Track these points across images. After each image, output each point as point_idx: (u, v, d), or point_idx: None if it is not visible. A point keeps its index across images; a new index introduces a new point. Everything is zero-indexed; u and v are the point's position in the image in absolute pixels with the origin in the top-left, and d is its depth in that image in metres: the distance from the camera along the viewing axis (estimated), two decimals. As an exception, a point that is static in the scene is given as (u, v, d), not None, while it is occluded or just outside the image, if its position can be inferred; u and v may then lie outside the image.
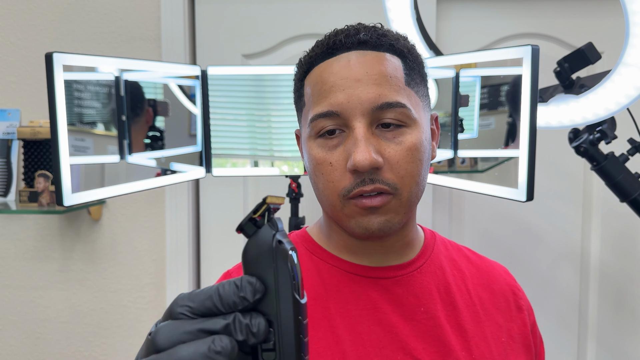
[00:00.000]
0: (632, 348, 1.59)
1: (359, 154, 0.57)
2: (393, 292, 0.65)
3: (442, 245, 0.74)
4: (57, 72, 0.92)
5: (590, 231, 1.60)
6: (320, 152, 0.62)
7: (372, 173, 0.59)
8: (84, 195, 0.99)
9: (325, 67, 0.62)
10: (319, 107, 0.61)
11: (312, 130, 0.62)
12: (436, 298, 0.67)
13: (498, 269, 0.76)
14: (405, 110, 0.60)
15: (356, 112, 0.59)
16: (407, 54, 0.64)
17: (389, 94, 0.60)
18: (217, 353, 0.31)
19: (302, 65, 0.66)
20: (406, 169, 0.60)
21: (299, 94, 0.68)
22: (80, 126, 1.01)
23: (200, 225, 1.67)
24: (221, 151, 1.26)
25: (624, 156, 1.14)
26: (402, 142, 0.60)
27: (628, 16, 0.98)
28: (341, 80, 0.60)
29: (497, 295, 0.71)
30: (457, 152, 1.08)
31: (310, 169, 0.64)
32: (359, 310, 0.64)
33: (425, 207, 1.59)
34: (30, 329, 1.69)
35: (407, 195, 0.61)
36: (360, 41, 0.62)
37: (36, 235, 1.67)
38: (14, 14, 1.64)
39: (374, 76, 0.60)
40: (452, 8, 1.58)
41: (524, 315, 0.72)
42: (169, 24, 1.58)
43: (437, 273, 0.69)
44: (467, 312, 0.67)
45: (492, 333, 0.68)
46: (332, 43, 0.63)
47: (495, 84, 1.02)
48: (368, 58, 0.61)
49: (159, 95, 1.20)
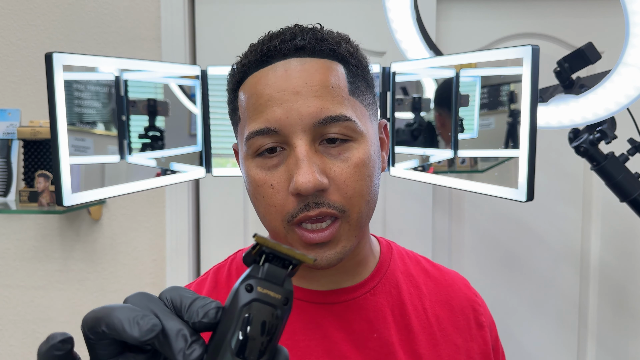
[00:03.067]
0: (632, 348, 1.59)
1: (301, 175, 0.52)
2: (344, 318, 0.61)
3: (399, 259, 0.69)
4: (57, 72, 0.92)
5: (590, 231, 1.60)
6: (259, 172, 0.56)
7: (317, 196, 0.54)
8: (84, 195, 0.99)
9: (260, 77, 0.56)
10: (255, 123, 0.55)
11: (249, 149, 0.56)
12: (390, 322, 0.63)
13: (458, 282, 0.72)
14: (351, 123, 0.55)
15: (296, 128, 0.53)
16: (350, 59, 0.58)
17: (331, 106, 0.54)
18: (141, 325, 0.31)
19: (234, 74, 0.60)
20: (354, 189, 0.55)
21: (232, 107, 0.62)
22: (80, 126, 1.01)
23: (200, 225, 1.67)
24: (221, 151, 1.26)
25: (624, 156, 1.14)
26: (349, 158, 0.55)
27: (628, 16, 0.98)
28: (278, 93, 0.54)
29: (456, 313, 0.67)
30: (457, 152, 1.08)
31: (250, 191, 0.58)
32: (307, 340, 0.60)
33: (425, 207, 1.59)
34: (30, 329, 1.69)
35: (356, 217, 0.56)
36: (298, 47, 0.56)
37: (36, 235, 1.67)
38: (14, 14, 1.64)
39: (315, 87, 0.54)
40: (452, 8, 1.58)
41: (485, 333, 0.68)
42: (169, 24, 1.58)
43: (392, 293, 0.65)
44: (422, 335, 0.64)
45: (450, 356, 0.64)
46: (267, 50, 0.56)
47: (495, 84, 1.02)
48: (307, 67, 0.55)
49: (159, 95, 1.20)
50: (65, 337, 0.34)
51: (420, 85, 1.14)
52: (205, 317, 0.32)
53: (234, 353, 0.32)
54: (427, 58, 1.13)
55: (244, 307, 0.32)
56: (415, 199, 1.59)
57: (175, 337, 0.31)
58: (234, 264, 0.68)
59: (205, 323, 0.32)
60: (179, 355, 0.31)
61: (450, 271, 0.74)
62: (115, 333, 0.32)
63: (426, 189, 1.58)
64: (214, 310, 0.32)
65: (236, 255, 0.69)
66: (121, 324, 0.31)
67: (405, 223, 1.60)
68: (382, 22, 1.23)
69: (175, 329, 0.32)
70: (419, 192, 1.58)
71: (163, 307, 0.33)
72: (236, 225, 1.65)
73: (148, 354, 0.34)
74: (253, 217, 1.66)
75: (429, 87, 1.13)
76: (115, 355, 0.34)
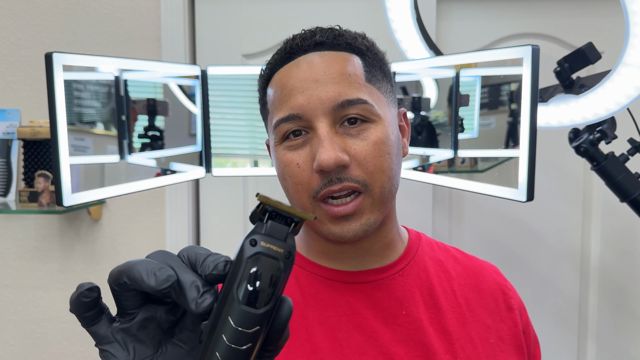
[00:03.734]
0: (632, 348, 1.59)
1: (323, 153, 0.57)
2: (373, 296, 0.64)
3: (427, 246, 0.72)
4: (57, 72, 0.91)
5: (590, 231, 1.60)
6: (286, 154, 0.61)
7: (339, 172, 0.58)
8: (84, 195, 0.99)
9: (285, 72, 0.62)
10: (281, 112, 0.61)
11: (277, 136, 0.62)
12: (419, 301, 0.65)
13: (487, 268, 0.74)
14: (367, 106, 0.60)
15: (317, 112, 0.59)
16: (366, 52, 0.63)
17: (348, 91, 0.59)
18: (158, 275, 0.34)
19: (263, 75, 0.67)
20: (374, 164, 0.59)
21: (262, 102, 0.68)
22: (80, 126, 1.01)
23: (200, 225, 1.67)
24: (221, 151, 1.26)
25: (624, 156, 1.14)
26: (367, 137, 0.59)
27: (628, 16, 0.98)
28: (300, 82, 0.60)
29: (486, 296, 0.69)
30: (457, 152, 1.08)
31: (279, 173, 0.64)
32: (337, 316, 0.63)
33: (425, 207, 1.59)
34: (30, 329, 1.69)
35: (379, 191, 0.59)
36: (317, 42, 0.62)
37: (36, 235, 1.66)
38: (14, 14, 1.64)
39: (333, 75, 0.60)
40: (452, 8, 1.58)
41: (515, 315, 0.70)
42: (169, 24, 1.58)
43: (421, 275, 0.67)
44: (451, 314, 0.66)
45: (479, 335, 0.66)
46: (289, 48, 0.63)
47: (495, 83, 1.02)
48: (326, 58, 0.61)
49: (159, 95, 1.20)
50: (91, 285, 0.38)
51: (420, 85, 1.14)
52: (215, 270, 0.35)
53: (240, 301, 0.34)
54: (427, 58, 1.13)
55: (249, 259, 0.34)
56: (415, 199, 1.59)
57: (189, 287, 0.34)
58: None
59: (215, 275, 0.35)
60: (192, 304, 0.34)
61: (481, 259, 0.76)
62: (135, 284, 0.35)
63: (426, 189, 1.58)
64: (222, 263, 0.35)
65: None
66: (140, 275, 0.34)
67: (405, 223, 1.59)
68: (382, 22, 1.23)
69: (189, 280, 0.34)
70: (419, 192, 1.58)
71: (179, 262, 0.36)
72: (236, 225, 1.65)
73: (168, 305, 0.38)
74: (253, 217, 1.66)
75: (429, 87, 1.13)
76: (139, 306, 0.37)
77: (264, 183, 1.63)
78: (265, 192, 1.78)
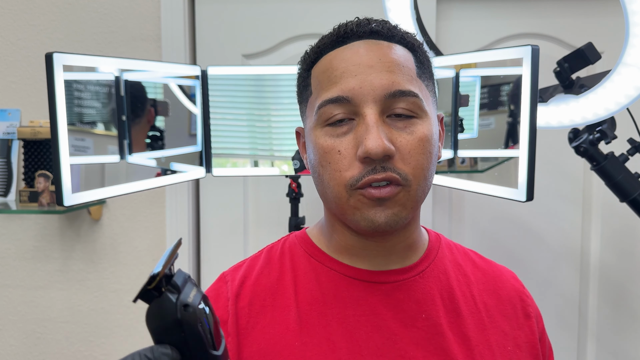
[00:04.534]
0: (632, 348, 1.59)
1: (371, 140, 0.55)
2: (393, 297, 0.63)
3: (447, 249, 0.71)
4: (57, 72, 0.92)
5: (590, 231, 1.60)
6: (327, 140, 0.59)
7: (384, 161, 0.56)
8: (84, 195, 0.99)
9: (336, 54, 0.61)
10: (328, 92, 0.59)
11: (319, 118, 0.60)
12: (439, 304, 0.64)
13: (506, 274, 0.73)
14: (418, 100, 0.58)
15: (368, 98, 0.57)
16: (417, 48, 0.63)
17: (401, 81, 0.58)
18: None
19: (308, 56, 0.64)
20: (417, 160, 0.58)
21: (304, 84, 0.65)
22: (80, 126, 1.01)
23: (200, 225, 1.67)
24: (221, 151, 1.26)
25: (624, 156, 1.14)
26: (414, 132, 0.58)
27: (628, 16, 0.98)
28: (353, 66, 0.58)
29: (504, 302, 0.68)
30: (457, 152, 1.08)
31: (316, 159, 0.61)
32: (357, 316, 0.61)
33: (425, 207, 1.59)
34: (30, 329, 1.69)
35: (415, 189, 0.58)
36: (372, 31, 0.61)
37: (36, 235, 1.67)
38: (14, 14, 1.64)
39: (387, 63, 0.58)
40: (452, 8, 1.58)
41: (532, 323, 0.68)
42: (169, 24, 1.58)
43: (441, 278, 0.66)
44: (471, 320, 0.64)
45: (497, 341, 0.64)
46: (343, 32, 0.61)
47: (495, 84, 1.02)
48: (380, 46, 0.60)
49: (159, 95, 1.20)
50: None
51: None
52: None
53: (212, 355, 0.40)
54: (427, 58, 1.13)
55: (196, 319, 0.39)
56: (415, 199, 1.59)
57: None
58: (287, 244, 0.70)
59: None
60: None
61: (499, 265, 0.75)
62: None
63: (426, 189, 1.58)
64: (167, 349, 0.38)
65: (289, 237, 0.71)
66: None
67: (405, 223, 1.60)
68: (382, 22, 1.23)
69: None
70: (419, 192, 1.58)
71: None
72: (236, 225, 1.65)
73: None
74: (253, 217, 1.66)
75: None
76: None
77: (264, 183, 1.64)
78: (265, 191, 1.77)
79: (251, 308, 0.63)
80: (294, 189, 1.31)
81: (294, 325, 0.61)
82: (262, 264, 0.68)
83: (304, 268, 0.65)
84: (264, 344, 0.60)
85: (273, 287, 0.64)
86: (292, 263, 0.66)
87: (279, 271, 0.66)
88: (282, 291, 0.64)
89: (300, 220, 1.32)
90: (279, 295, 0.63)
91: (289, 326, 0.61)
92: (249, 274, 0.66)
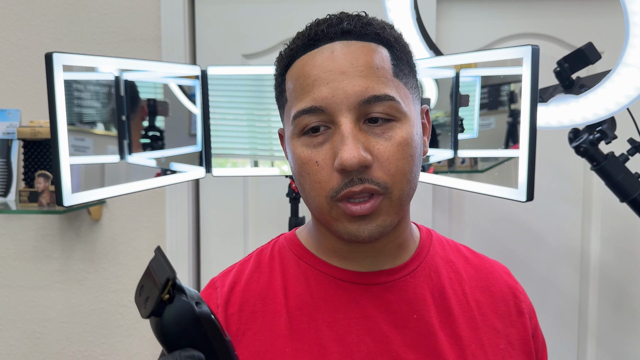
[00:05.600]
0: (632, 348, 1.59)
1: (346, 152, 0.53)
2: (384, 298, 0.62)
3: (438, 245, 0.70)
4: (57, 72, 0.92)
5: (590, 231, 1.60)
6: (305, 150, 0.58)
7: (361, 172, 0.55)
8: (84, 195, 0.99)
9: (307, 59, 0.58)
10: (302, 102, 0.57)
11: (295, 128, 0.58)
12: (430, 304, 0.63)
13: (498, 269, 0.72)
14: (394, 103, 0.56)
15: (342, 106, 0.55)
16: (394, 44, 0.60)
17: (376, 86, 0.56)
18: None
19: (282, 59, 0.62)
20: (397, 166, 0.56)
21: (280, 90, 0.63)
22: (80, 126, 1.01)
23: (200, 225, 1.67)
24: (221, 151, 1.26)
25: (624, 156, 1.14)
26: (392, 137, 0.56)
27: (628, 16, 0.98)
28: (325, 73, 0.56)
29: (497, 299, 0.68)
30: (457, 152, 1.08)
31: (295, 169, 0.60)
32: (347, 319, 0.61)
33: (425, 207, 1.59)
34: (30, 329, 1.69)
35: (398, 194, 0.57)
36: (344, 31, 0.58)
37: (36, 235, 1.67)
38: (14, 14, 1.64)
39: (360, 68, 0.56)
40: (452, 8, 1.58)
41: (525, 320, 0.68)
42: (169, 24, 1.58)
43: (432, 276, 0.65)
44: (463, 319, 0.64)
45: (490, 340, 0.64)
46: (314, 34, 0.59)
47: (495, 84, 1.02)
48: (353, 49, 0.57)
49: (159, 95, 1.20)
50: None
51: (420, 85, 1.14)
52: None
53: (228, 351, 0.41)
54: (427, 58, 1.13)
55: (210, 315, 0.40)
56: (415, 199, 1.59)
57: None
58: (276, 246, 0.69)
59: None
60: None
61: (492, 260, 0.74)
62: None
63: (426, 189, 1.58)
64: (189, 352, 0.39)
65: (278, 239, 0.70)
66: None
67: (405, 223, 1.60)
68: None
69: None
70: (419, 192, 1.58)
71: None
72: (236, 225, 1.65)
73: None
74: (253, 217, 1.66)
75: (429, 87, 1.13)
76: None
77: (264, 183, 1.64)
78: (265, 191, 1.77)
79: (241, 314, 0.62)
80: (294, 189, 1.31)
81: (284, 332, 0.60)
82: (251, 269, 0.67)
83: (293, 272, 0.64)
84: (255, 350, 0.60)
85: (263, 292, 0.63)
86: (282, 267, 0.65)
87: (268, 275, 0.65)
88: (272, 296, 0.63)
89: (300, 220, 1.32)
90: (269, 301, 0.63)
91: (280, 332, 0.60)
92: (238, 279, 0.66)
